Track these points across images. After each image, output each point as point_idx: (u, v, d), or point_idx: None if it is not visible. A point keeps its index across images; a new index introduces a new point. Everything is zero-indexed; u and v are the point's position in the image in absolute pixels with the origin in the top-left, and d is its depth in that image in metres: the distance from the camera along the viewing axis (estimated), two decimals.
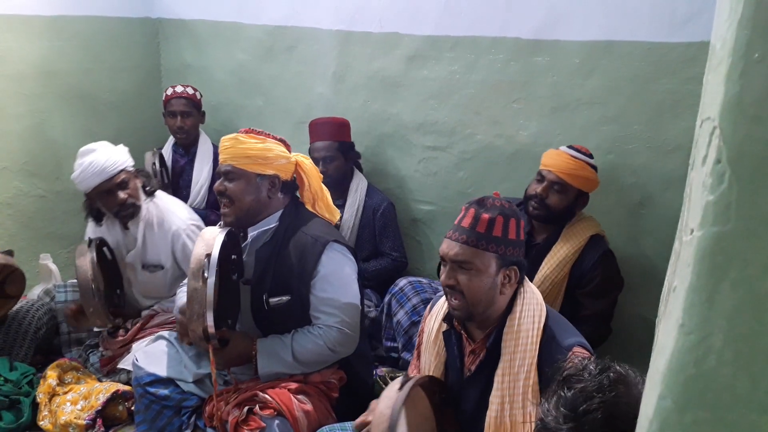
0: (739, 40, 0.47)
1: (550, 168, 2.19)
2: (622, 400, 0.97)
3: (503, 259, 1.47)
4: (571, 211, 2.23)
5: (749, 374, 0.47)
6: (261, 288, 1.98)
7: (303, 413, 1.88)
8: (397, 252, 2.82)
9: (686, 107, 2.16)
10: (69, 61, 3.33)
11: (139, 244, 2.51)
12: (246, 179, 1.95)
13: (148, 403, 2.06)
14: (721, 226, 0.48)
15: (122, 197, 2.40)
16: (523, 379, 1.44)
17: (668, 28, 2.13)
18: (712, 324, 0.49)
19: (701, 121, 0.54)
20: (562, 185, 2.17)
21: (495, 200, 1.52)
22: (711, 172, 0.49)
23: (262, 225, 2.01)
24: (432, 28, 2.71)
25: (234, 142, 1.95)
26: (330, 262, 1.95)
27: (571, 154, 2.20)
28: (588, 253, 2.18)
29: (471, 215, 1.49)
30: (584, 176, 2.17)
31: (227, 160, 1.96)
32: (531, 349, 1.46)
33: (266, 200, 1.99)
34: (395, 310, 2.54)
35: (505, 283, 1.49)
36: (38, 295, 2.80)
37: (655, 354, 0.58)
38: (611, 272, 2.20)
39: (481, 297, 1.48)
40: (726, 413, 0.48)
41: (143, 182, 2.52)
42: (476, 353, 1.58)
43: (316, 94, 3.19)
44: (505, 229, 1.47)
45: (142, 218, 2.49)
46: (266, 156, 1.95)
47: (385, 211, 2.79)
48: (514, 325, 1.48)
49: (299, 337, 1.96)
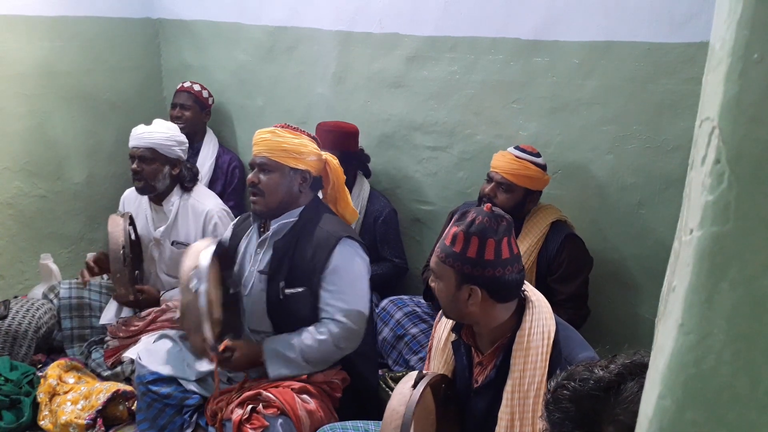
0: (739, 41, 0.47)
1: (497, 169, 2.27)
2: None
3: (463, 276, 1.44)
4: (522, 209, 2.29)
5: (749, 374, 0.47)
6: (276, 279, 2.01)
7: (306, 412, 1.88)
8: (399, 258, 2.84)
9: (685, 107, 2.16)
10: (70, 61, 3.33)
11: (170, 220, 2.61)
12: (280, 172, 1.99)
13: (150, 401, 2.06)
14: (721, 226, 0.48)
15: (135, 168, 2.54)
16: (533, 397, 1.42)
17: (668, 28, 2.14)
18: (712, 324, 0.49)
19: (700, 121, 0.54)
20: (507, 185, 2.25)
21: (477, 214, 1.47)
22: (710, 172, 0.49)
23: (284, 218, 2.04)
24: (432, 28, 2.71)
25: (271, 135, 1.99)
26: (341, 256, 1.97)
27: (515, 154, 2.27)
28: (551, 239, 2.26)
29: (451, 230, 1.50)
30: (528, 175, 2.24)
31: (263, 152, 1.99)
32: (541, 366, 1.43)
33: (297, 194, 2.03)
34: (380, 329, 2.56)
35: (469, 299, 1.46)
36: (39, 294, 2.81)
37: (655, 354, 0.58)
38: (577, 253, 2.26)
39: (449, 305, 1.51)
40: (726, 413, 0.48)
41: (179, 174, 2.61)
42: (483, 365, 1.56)
43: (316, 95, 3.19)
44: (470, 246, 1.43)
45: (177, 199, 2.62)
46: (301, 151, 1.99)
47: (387, 217, 2.79)
48: (524, 342, 1.45)
49: (305, 337, 1.96)
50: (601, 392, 0.96)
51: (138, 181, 2.57)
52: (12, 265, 3.23)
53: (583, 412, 0.97)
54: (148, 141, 2.54)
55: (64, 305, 2.69)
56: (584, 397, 0.97)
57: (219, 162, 3.35)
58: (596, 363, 1.03)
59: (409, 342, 2.47)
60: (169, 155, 2.57)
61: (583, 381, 0.98)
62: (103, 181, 3.52)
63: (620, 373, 0.97)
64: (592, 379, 0.98)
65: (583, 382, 0.98)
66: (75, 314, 2.71)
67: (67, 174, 3.41)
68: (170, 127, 2.64)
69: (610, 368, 0.98)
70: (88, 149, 3.46)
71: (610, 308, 2.46)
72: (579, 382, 0.99)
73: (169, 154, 2.57)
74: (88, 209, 3.50)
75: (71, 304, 2.70)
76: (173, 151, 2.58)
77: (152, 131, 2.56)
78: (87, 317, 2.71)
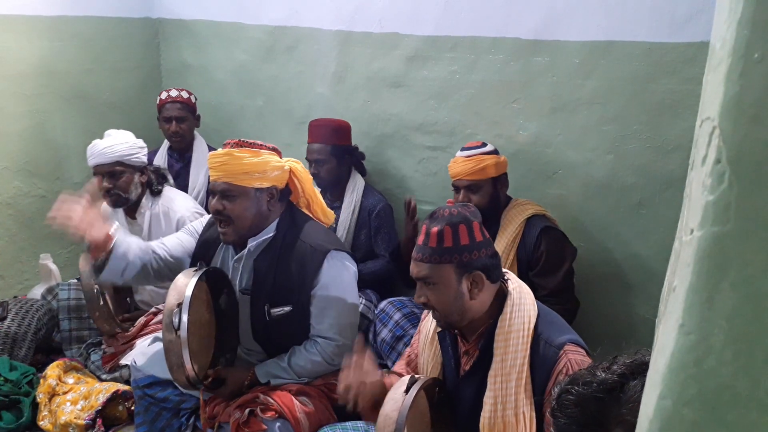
0: (739, 40, 0.47)
1: (457, 176, 2.29)
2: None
3: (461, 266, 1.48)
4: (498, 200, 2.30)
5: (749, 374, 0.47)
6: (260, 298, 1.95)
7: (304, 415, 1.88)
8: (393, 253, 2.82)
9: (686, 107, 2.16)
10: (69, 61, 3.33)
11: (145, 232, 2.56)
12: (245, 196, 1.88)
13: (147, 404, 2.06)
14: (721, 226, 0.48)
15: (106, 185, 2.48)
16: (515, 380, 1.45)
17: (668, 28, 2.14)
18: (712, 324, 0.49)
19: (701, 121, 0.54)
20: (473, 185, 2.27)
21: (445, 210, 1.53)
22: (711, 172, 0.49)
23: (261, 236, 1.97)
24: (432, 28, 2.71)
25: (228, 158, 1.85)
26: (330, 272, 1.93)
27: (464, 155, 2.31)
28: (528, 234, 2.26)
29: (424, 232, 1.53)
30: (485, 166, 2.26)
31: (222, 177, 1.86)
32: (522, 349, 1.47)
33: (266, 212, 1.94)
34: (379, 330, 2.57)
35: (473, 289, 1.50)
36: (38, 294, 2.81)
37: (655, 354, 0.58)
38: (555, 245, 2.24)
39: (451, 308, 1.51)
40: (726, 413, 0.48)
41: (148, 180, 2.57)
42: (470, 354, 1.59)
43: (316, 95, 3.19)
44: (455, 236, 1.49)
45: (149, 208, 2.57)
46: (264, 169, 1.88)
47: (381, 212, 2.78)
48: (505, 326, 1.49)
49: (296, 359, 1.95)
50: (605, 394, 0.96)
51: (110, 197, 2.51)
52: (11, 265, 3.23)
53: (588, 415, 0.97)
54: (112, 156, 2.46)
55: (63, 307, 2.69)
56: (589, 400, 0.97)
57: None
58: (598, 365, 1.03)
59: (408, 343, 2.47)
60: (136, 164, 2.53)
61: (587, 384, 0.99)
62: None
63: (623, 374, 0.97)
64: (596, 382, 0.98)
65: (587, 386, 0.98)
66: (74, 316, 2.71)
67: (67, 174, 3.41)
68: (127, 135, 2.57)
69: (612, 369, 0.99)
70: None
71: (610, 308, 2.45)
72: (582, 386, 0.99)
73: (135, 163, 2.53)
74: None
75: (70, 305, 2.70)
76: (138, 158, 2.53)
77: (113, 144, 2.48)
78: (86, 319, 2.71)
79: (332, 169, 2.76)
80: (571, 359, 1.43)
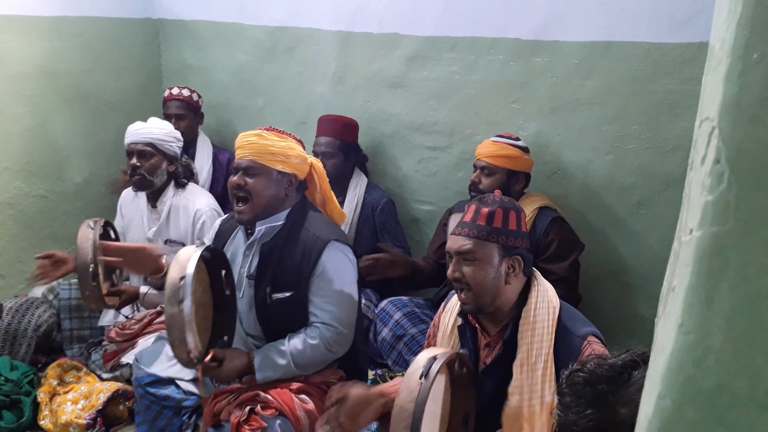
0: (738, 41, 0.47)
1: (479, 156, 2.40)
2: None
3: (505, 248, 1.53)
4: (508, 191, 2.33)
5: (748, 374, 0.47)
6: (264, 283, 1.99)
7: (305, 413, 1.88)
8: (401, 246, 2.81)
9: (685, 107, 2.16)
10: (70, 61, 3.33)
11: (162, 220, 2.61)
12: (267, 175, 1.95)
13: (149, 403, 2.06)
14: (720, 226, 0.48)
15: (134, 163, 2.53)
16: (541, 369, 1.48)
17: (667, 28, 2.14)
18: (711, 324, 0.49)
19: (700, 121, 0.54)
20: (489, 168, 2.35)
21: (495, 196, 1.60)
22: (710, 172, 0.49)
23: (271, 221, 2.01)
24: (432, 28, 2.72)
25: (257, 138, 1.95)
26: (329, 260, 1.96)
27: (494, 140, 2.40)
28: (538, 223, 2.33)
29: (473, 210, 1.57)
30: (506, 155, 2.34)
31: (248, 155, 1.95)
32: (547, 339, 1.50)
33: (283, 198, 2.00)
34: (379, 329, 2.57)
35: (509, 273, 1.54)
36: (39, 294, 2.80)
37: (655, 354, 0.58)
38: (565, 234, 2.31)
39: (487, 287, 1.52)
40: (725, 413, 0.48)
41: (175, 171, 2.62)
42: (491, 346, 1.61)
43: (316, 95, 3.19)
44: (506, 220, 1.54)
45: (171, 198, 2.62)
46: (288, 154, 1.96)
47: (384, 207, 2.80)
48: (530, 317, 1.52)
49: (296, 342, 1.95)
50: (615, 374, 0.99)
51: (135, 177, 2.55)
52: (12, 265, 3.23)
53: (597, 393, 0.99)
54: (147, 136, 2.54)
55: (64, 306, 2.69)
56: (599, 379, 1.00)
57: (217, 163, 3.33)
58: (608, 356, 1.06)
59: (409, 342, 2.47)
60: (167, 152, 2.58)
61: (598, 365, 1.02)
62: (103, 181, 3.52)
63: (633, 360, 1.00)
64: (606, 364, 1.01)
65: (598, 366, 1.02)
66: (75, 315, 2.71)
67: (67, 174, 3.41)
68: (167, 125, 2.65)
69: (623, 356, 1.02)
70: (88, 149, 3.45)
71: (610, 308, 2.46)
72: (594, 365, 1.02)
73: (167, 151, 2.58)
74: (88, 209, 3.49)
75: (71, 304, 2.70)
76: (171, 147, 2.59)
77: (150, 127, 2.57)
78: (87, 318, 2.71)
79: (338, 164, 2.78)
80: (595, 350, 1.45)
